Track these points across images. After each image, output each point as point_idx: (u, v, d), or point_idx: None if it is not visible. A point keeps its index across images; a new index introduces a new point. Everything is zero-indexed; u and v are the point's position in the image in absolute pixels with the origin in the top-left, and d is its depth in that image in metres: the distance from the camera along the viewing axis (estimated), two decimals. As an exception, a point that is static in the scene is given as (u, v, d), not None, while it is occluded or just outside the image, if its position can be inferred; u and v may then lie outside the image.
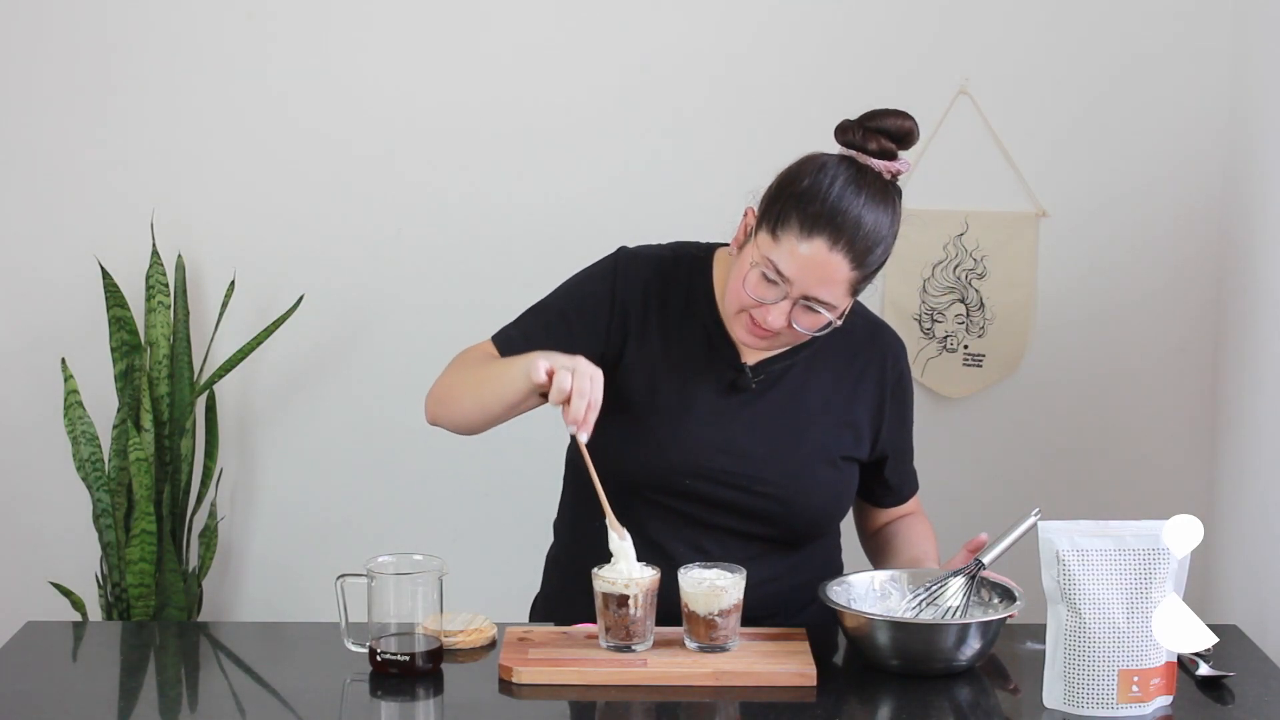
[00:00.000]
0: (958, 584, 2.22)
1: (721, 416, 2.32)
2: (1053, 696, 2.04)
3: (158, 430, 3.10)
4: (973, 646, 2.13)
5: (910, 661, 2.14)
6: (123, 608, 3.09)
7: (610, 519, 2.19)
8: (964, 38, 3.11)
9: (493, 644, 2.25)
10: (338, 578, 2.19)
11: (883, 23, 3.11)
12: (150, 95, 3.17)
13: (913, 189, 3.07)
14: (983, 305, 3.17)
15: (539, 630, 2.26)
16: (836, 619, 2.19)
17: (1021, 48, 3.11)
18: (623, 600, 2.15)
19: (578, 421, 2.12)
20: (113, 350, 3.11)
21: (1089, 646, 2.01)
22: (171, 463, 3.13)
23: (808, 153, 2.24)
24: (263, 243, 3.20)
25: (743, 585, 2.18)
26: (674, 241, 2.43)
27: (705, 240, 2.43)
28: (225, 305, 3.14)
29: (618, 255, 2.39)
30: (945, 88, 3.12)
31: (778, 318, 2.20)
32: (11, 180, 3.19)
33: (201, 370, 3.18)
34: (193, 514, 3.18)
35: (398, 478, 3.26)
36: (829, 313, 2.21)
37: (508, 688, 2.11)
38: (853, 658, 2.23)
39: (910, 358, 2.64)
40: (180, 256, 3.16)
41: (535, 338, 2.32)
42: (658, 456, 2.30)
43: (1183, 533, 2.02)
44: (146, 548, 3.03)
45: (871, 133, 2.20)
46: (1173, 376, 3.18)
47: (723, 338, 2.33)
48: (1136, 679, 2.01)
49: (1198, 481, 3.16)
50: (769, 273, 2.19)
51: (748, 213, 2.26)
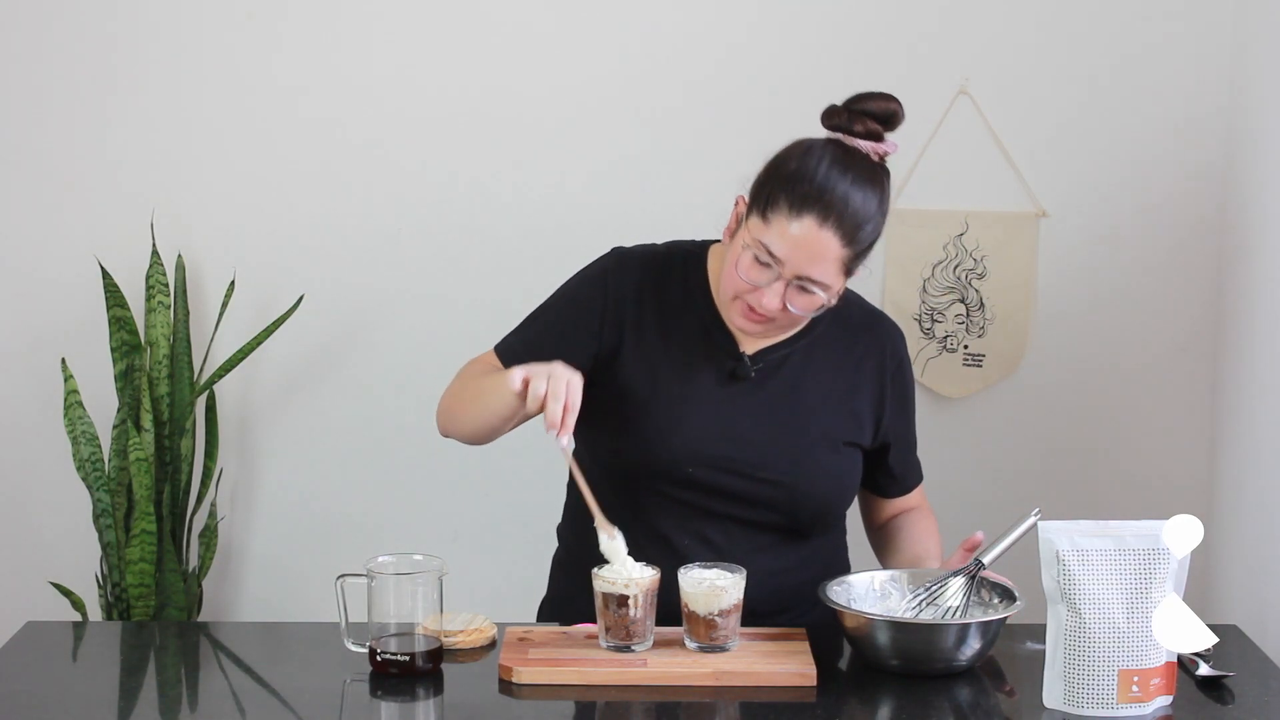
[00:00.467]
0: (958, 584, 2.22)
1: (722, 404, 2.32)
2: (1053, 696, 2.04)
3: (158, 430, 3.10)
4: (973, 646, 2.13)
5: (910, 661, 2.14)
6: (123, 608, 3.09)
7: (599, 520, 2.19)
8: (963, 38, 3.11)
9: (493, 644, 2.25)
10: (338, 578, 2.19)
11: (882, 23, 3.11)
12: (150, 95, 3.17)
13: (913, 189, 3.08)
14: (983, 305, 3.17)
15: (539, 630, 2.26)
16: (836, 619, 2.19)
17: (1021, 47, 3.11)
18: (622, 600, 2.15)
19: (555, 425, 2.13)
20: (113, 350, 3.11)
21: (1089, 646, 2.01)
22: (171, 463, 3.13)
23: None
24: (263, 242, 3.20)
25: (743, 585, 2.18)
26: (668, 240, 2.44)
27: (700, 238, 2.43)
28: (225, 305, 3.14)
29: (611, 255, 2.40)
30: (945, 88, 3.12)
31: (772, 300, 2.21)
32: (12, 180, 3.19)
33: (201, 370, 3.18)
34: (193, 514, 3.18)
35: (398, 477, 3.26)
36: (823, 292, 2.22)
37: (508, 688, 2.11)
38: (853, 658, 2.23)
39: (910, 357, 2.64)
40: (180, 256, 3.16)
41: (534, 344, 2.34)
42: (659, 444, 2.30)
43: (1183, 533, 2.02)
44: (146, 548, 3.03)
45: (857, 115, 2.23)
46: (1173, 376, 3.18)
47: (720, 329, 2.34)
48: (1136, 679, 2.01)
49: (1198, 481, 3.16)
50: (761, 255, 2.20)
51: (738, 201, 2.28)
